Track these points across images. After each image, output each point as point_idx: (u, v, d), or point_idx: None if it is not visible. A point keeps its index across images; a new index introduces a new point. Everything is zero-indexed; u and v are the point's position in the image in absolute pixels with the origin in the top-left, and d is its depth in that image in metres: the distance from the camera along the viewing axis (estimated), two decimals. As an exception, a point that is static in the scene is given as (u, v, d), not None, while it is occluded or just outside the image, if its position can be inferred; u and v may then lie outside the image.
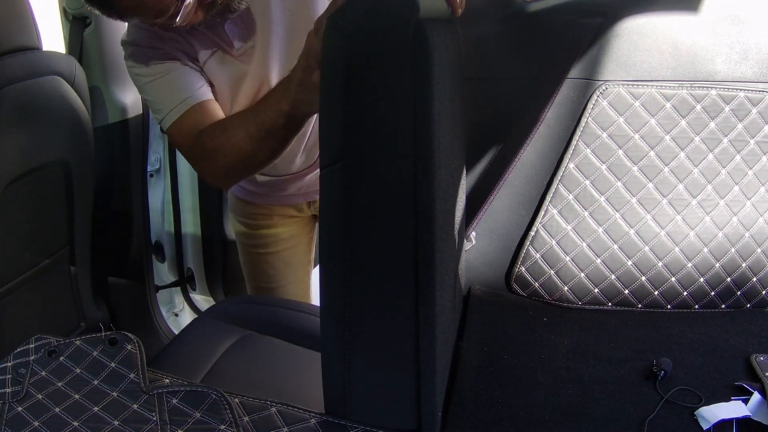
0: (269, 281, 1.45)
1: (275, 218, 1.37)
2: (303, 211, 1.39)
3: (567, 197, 1.01)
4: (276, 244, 1.40)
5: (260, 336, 1.17)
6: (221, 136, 1.01)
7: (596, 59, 0.97)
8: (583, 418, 0.79)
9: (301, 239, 1.43)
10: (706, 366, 0.90)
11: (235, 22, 1.05)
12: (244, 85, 1.11)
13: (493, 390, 0.84)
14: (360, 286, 0.68)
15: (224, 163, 1.02)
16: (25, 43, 1.18)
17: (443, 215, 0.68)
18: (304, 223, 1.42)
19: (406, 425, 0.73)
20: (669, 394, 0.83)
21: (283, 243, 1.40)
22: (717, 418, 0.78)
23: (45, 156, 1.25)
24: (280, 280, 1.44)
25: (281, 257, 1.42)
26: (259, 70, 1.09)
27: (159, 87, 1.06)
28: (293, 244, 1.42)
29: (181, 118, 1.05)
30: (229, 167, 1.03)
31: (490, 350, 0.92)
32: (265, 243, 1.40)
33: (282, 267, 1.43)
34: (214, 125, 1.03)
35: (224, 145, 1.00)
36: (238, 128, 0.99)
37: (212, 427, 0.68)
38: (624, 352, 0.93)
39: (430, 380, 0.71)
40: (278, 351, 1.16)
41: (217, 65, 1.08)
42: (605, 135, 0.98)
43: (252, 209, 1.38)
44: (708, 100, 0.97)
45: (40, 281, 1.33)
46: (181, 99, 1.05)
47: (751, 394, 0.82)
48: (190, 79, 1.06)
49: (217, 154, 1.02)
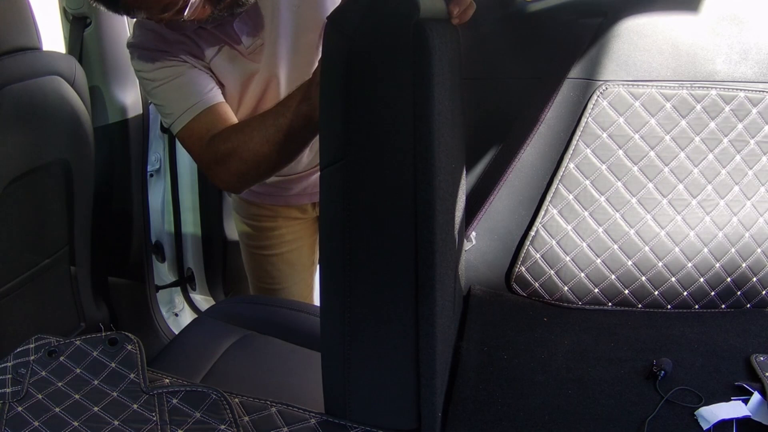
0: (273, 282, 1.44)
1: (279, 220, 1.37)
2: (307, 212, 1.39)
3: (567, 197, 1.01)
4: (280, 245, 1.40)
5: (260, 336, 1.17)
6: (236, 139, 0.99)
7: (596, 59, 0.97)
8: (583, 418, 0.79)
9: (305, 241, 1.43)
10: (706, 366, 0.90)
11: (243, 18, 1.04)
12: (253, 83, 1.10)
13: (493, 390, 0.84)
14: (360, 286, 0.68)
15: (238, 168, 1.00)
16: (25, 43, 1.18)
17: (443, 215, 0.68)
18: (308, 225, 1.41)
19: (406, 425, 0.73)
20: (669, 394, 0.83)
21: (288, 245, 1.40)
22: (717, 418, 0.78)
23: (45, 156, 1.25)
24: (284, 282, 1.44)
25: (285, 259, 1.42)
26: (269, 67, 1.08)
27: (168, 91, 1.05)
28: (297, 246, 1.42)
29: (191, 122, 1.04)
30: (243, 171, 1.01)
31: (490, 350, 0.92)
32: (269, 245, 1.40)
33: (286, 268, 1.43)
34: (229, 129, 1.02)
35: (239, 148, 0.98)
36: (255, 131, 0.97)
37: (212, 427, 0.68)
38: (624, 352, 0.93)
39: (430, 380, 0.71)
40: (278, 351, 1.16)
41: (225, 63, 1.07)
42: (605, 135, 0.98)
43: (256, 210, 1.38)
44: (708, 100, 0.97)
45: (40, 281, 1.33)
46: (192, 103, 1.03)
47: (751, 394, 0.82)
48: (199, 82, 1.05)
49: (231, 157, 1.00)
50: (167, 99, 1.06)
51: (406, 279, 0.67)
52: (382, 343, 0.71)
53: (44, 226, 1.32)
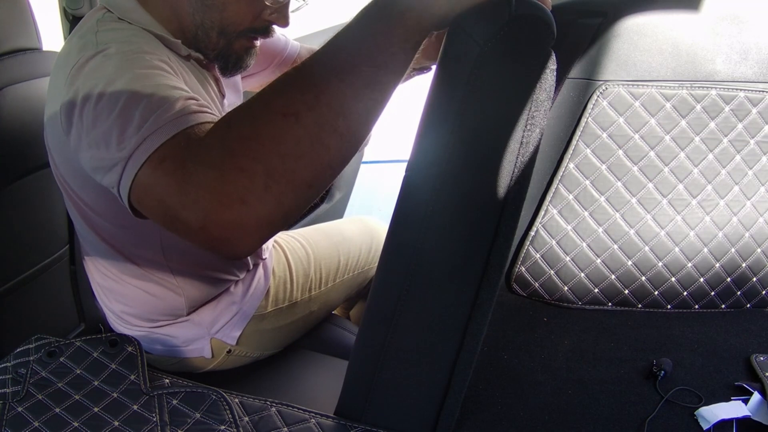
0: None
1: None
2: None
3: (567, 197, 1.01)
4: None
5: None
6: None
7: (596, 59, 0.97)
8: (583, 418, 0.80)
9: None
10: (706, 366, 0.90)
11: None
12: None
13: (493, 390, 0.84)
14: (420, 292, 0.66)
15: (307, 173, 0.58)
16: (25, 43, 1.18)
17: (513, 228, 0.67)
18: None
19: (422, 430, 0.73)
20: (669, 394, 0.83)
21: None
22: (717, 418, 0.78)
23: (45, 156, 1.24)
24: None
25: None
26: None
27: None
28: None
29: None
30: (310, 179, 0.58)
31: (490, 350, 0.92)
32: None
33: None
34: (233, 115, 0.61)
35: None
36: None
37: (212, 428, 0.68)
38: (624, 352, 0.93)
39: (458, 393, 0.71)
40: (279, 351, 1.16)
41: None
42: (605, 135, 0.98)
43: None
44: (708, 100, 0.97)
45: (40, 281, 1.33)
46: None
47: (751, 394, 0.82)
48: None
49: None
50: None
51: (468, 294, 0.66)
52: (424, 351, 0.70)
53: (44, 226, 1.32)
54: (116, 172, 0.65)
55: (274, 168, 0.54)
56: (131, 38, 0.79)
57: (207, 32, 0.86)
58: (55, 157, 0.83)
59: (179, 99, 0.66)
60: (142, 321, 1.01)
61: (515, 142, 0.60)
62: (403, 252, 0.66)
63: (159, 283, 0.97)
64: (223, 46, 0.88)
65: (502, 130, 0.60)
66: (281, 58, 1.24)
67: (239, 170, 0.54)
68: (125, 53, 0.74)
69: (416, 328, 0.68)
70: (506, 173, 0.61)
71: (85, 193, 0.84)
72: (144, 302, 0.99)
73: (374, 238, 1.36)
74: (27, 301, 1.30)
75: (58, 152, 0.82)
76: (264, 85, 1.33)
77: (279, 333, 1.14)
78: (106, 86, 0.68)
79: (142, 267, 0.95)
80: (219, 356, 1.06)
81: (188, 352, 1.04)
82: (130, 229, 0.89)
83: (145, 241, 0.92)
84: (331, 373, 1.10)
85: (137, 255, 0.94)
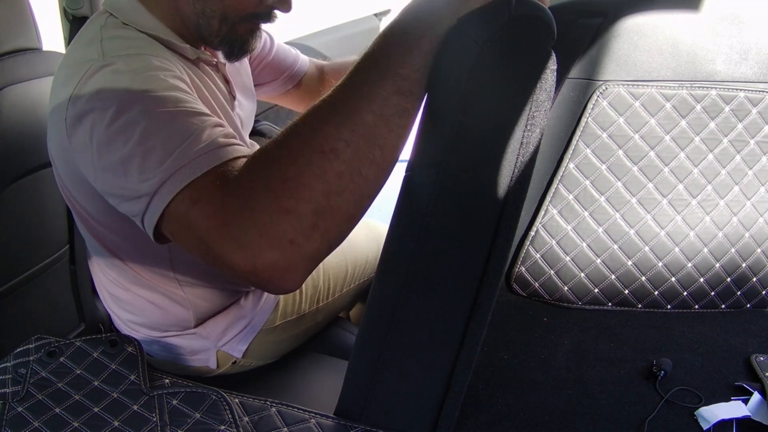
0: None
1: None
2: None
3: (567, 197, 1.01)
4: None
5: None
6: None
7: (596, 59, 0.97)
8: (583, 418, 0.80)
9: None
10: (706, 366, 0.90)
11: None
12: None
13: (492, 390, 0.84)
14: (419, 292, 0.66)
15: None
16: (25, 43, 1.18)
17: (511, 234, 0.67)
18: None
19: (422, 430, 0.73)
20: (669, 394, 0.83)
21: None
22: (717, 418, 0.78)
23: (45, 156, 1.24)
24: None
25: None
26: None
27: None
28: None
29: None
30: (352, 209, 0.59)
31: (490, 350, 0.92)
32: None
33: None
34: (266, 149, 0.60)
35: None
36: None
37: (212, 428, 0.68)
38: (624, 352, 0.93)
39: (458, 393, 0.71)
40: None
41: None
42: (605, 135, 0.98)
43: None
44: (708, 100, 0.97)
45: (40, 281, 1.33)
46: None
47: (751, 394, 0.82)
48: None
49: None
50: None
51: (468, 294, 0.66)
52: (424, 351, 0.70)
53: (44, 226, 1.32)
54: (140, 203, 0.63)
55: (319, 206, 0.55)
56: (139, 50, 0.77)
57: (208, 20, 0.84)
58: (59, 168, 0.82)
59: (205, 129, 0.63)
60: (148, 330, 1.01)
61: (515, 142, 0.60)
62: (403, 252, 0.66)
63: (166, 294, 0.96)
64: (226, 32, 0.86)
65: (502, 130, 0.60)
66: (290, 72, 1.24)
67: (286, 212, 0.54)
68: (136, 71, 0.70)
69: (416, 328, 0.68)
70: (506, 173, 0.61)
71: (90, 205, 0.83)
72: (151, 313, 0.98)
73: (380, 244, 1.36)
74: (27, 301, 1.30)
75: (62, 166, 0.80)
76: (272, 97, 1.31)
77: (284, 344, 1.13)
78: (121, 108, 0.65)
79: (148, 278, 0.94)
80: (223, 366, 1.06)
81: (193, 362, 1.04)
82: (136, 242, 0.88)
83: (152, 254, 0.91)
84: (331, 373, 1.10)
85: (143, 266, 0.92)
